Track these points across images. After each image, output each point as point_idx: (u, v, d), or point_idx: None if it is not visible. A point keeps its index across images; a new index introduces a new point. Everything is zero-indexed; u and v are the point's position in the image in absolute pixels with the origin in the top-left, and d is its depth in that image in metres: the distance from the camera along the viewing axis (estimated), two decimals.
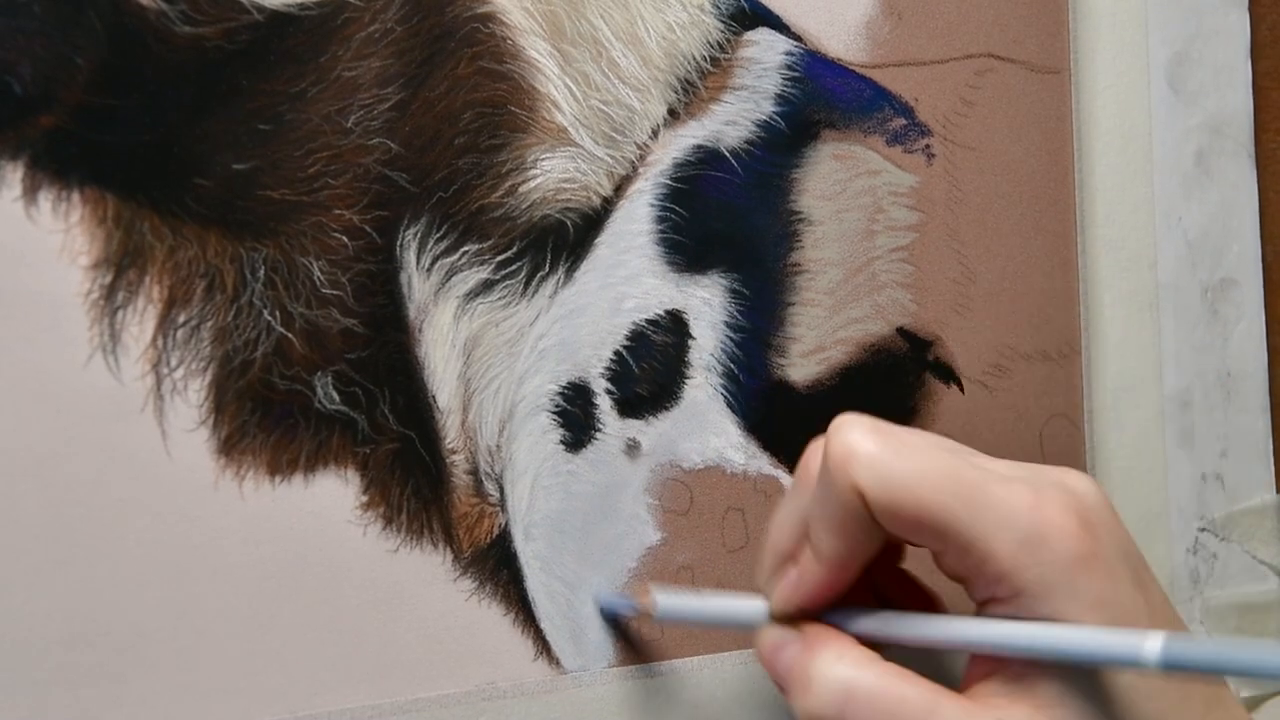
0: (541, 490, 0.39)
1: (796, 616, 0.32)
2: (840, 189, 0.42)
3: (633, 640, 0.40)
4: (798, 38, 0.42)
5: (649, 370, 0.40)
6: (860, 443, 0.29)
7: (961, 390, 0.44)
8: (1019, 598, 0.28)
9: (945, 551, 0.29)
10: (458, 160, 0.37)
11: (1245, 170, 0.50)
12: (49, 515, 0.33)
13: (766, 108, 0.41)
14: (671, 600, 0.37)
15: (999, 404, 0.45)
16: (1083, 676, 0.28)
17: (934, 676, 0.29)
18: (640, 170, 0.40)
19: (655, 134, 0.40)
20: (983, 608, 0.30)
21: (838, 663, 0.29)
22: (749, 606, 0.34)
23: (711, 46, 0.41)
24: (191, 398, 0.34)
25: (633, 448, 0.40)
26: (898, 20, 0.43)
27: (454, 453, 0.37)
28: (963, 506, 0.28)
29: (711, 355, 0.41)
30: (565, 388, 0.39)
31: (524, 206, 0.38)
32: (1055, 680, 0.28)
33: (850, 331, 0.43)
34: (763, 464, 0.41)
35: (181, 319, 0.34)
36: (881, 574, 0.35)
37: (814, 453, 0.32)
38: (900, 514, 0.28)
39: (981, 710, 0.28)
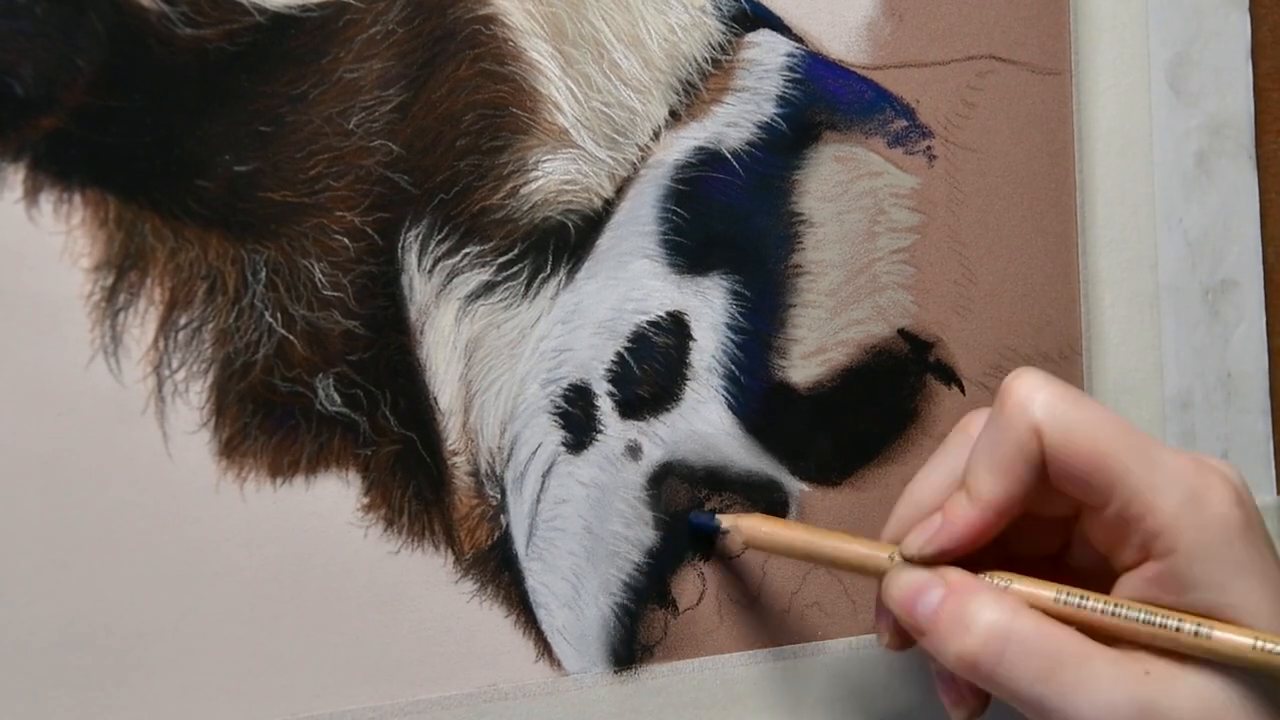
0: (543, 492, 0.39)
1: (931, 562, 0.32)
2: (841, 191, 0.42)
3: (638, 641, 0.40)
4: (799, 39, 0.42)
5: (650, 372, 0.40)
6: (1042, 388, 0.31)
7: (963, 392, 0.44)
8: (1174, 555, 0.29)
9: (1108, 504, 0.30)
10: (459, 162, 0.37)
11: (1246, 171, 0.50)
12: (50, 517, 0.33)
13: (768, 109, 0.41)
14: (769, 530, 0.37)
15: None
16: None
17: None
18: (641, 172, 0.40)
19: (656, 135, 0.40)
20: (1126, 573, 0.31)
21: (995, 608, 0.30)
22: (868, 549, 0.34)
23: (713, 48, 0.41)
24: (193, 400, 0.34)
25: (634, 449, 0.40)
26: (899, 22, 0.43)
27: (455, 454, 0.37)
28: (1134, 459, 0.29)
29: (713, 357, 0.41)
30: (567, 389, 0.39)
31: (525, 208, 0.38)
32: None
33: (851, 333, 0.43)
34: (764, 465, 0.41)
35: (183, 321, 0.34)
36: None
37: (975, 416, 0.34)
38: (1075, 457, 0.30)
39: (1132, 663, 0.29)
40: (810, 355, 0.42)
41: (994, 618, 0.30)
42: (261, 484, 0.35)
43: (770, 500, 0.41)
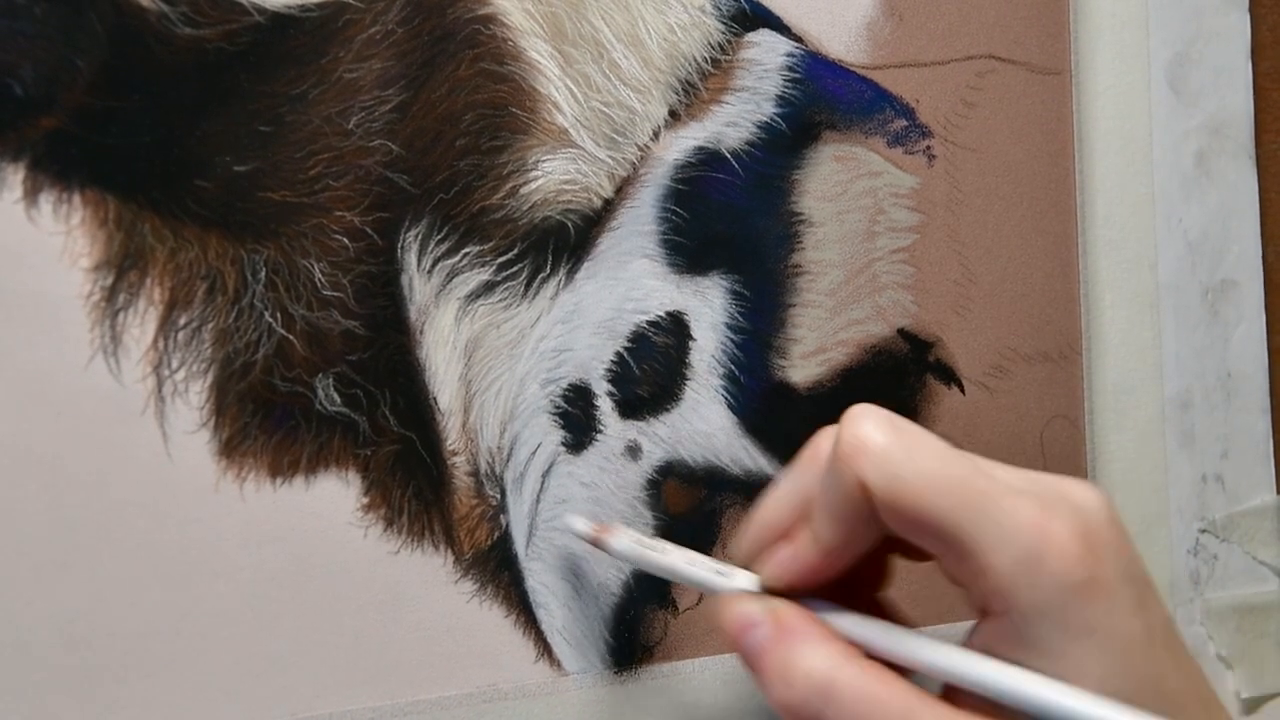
0: (543, 492, 0.39)
1: (778, 593, 0.31)
2: (841, 190, 0.42)
3: (638, 641, 0.40)
4: (799, 39, 0.42)
5: (650, 371, 0.40)
6: (872, 436, 0.29)
7: (962, 391, 0.44)
8: (1011, 615, 0.28)
9: (945, 556, 0.29)
10: (459, 162, 0.37)
11: (1246, 171, 0.50)
12: (50, 517, 0.33)
13: (767, 109, 0.41)
14: (629, 544, 0.35)
15: (1000, 405, 0.45)
16: None
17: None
18: (641, 172, 0.40)
19: (656, 135, 0.40)
20: (981, 619, 0.30)
21: (818, 656, 0.29)
22: (710, 570, 0.32)
23: (712, 48, 0.41)
24: (192, 400, 0.34)
25: (633, 449, 0.40)
26: (899, 22, 0.43)
27: (455, 454, 0.37)
28: (967, 516, 0.28)
29: (712, 356, 0.41)
30: (567, 389, 0.39)
31: (525, 208, 0.38)
32: None
33: (851, 333, 0.43)
34: (763, 465, 0.41)
35: (182, 321, 0.34)
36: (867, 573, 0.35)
37: (824, 436, 0.32)
38: (903, 514, 0.28)
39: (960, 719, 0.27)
40: (810, 355, 0.42)
41: (816, 668, 0.28)
42: (261, 484, 0.35)
43: None
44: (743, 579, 0.32)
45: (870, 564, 0.32)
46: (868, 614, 0.31)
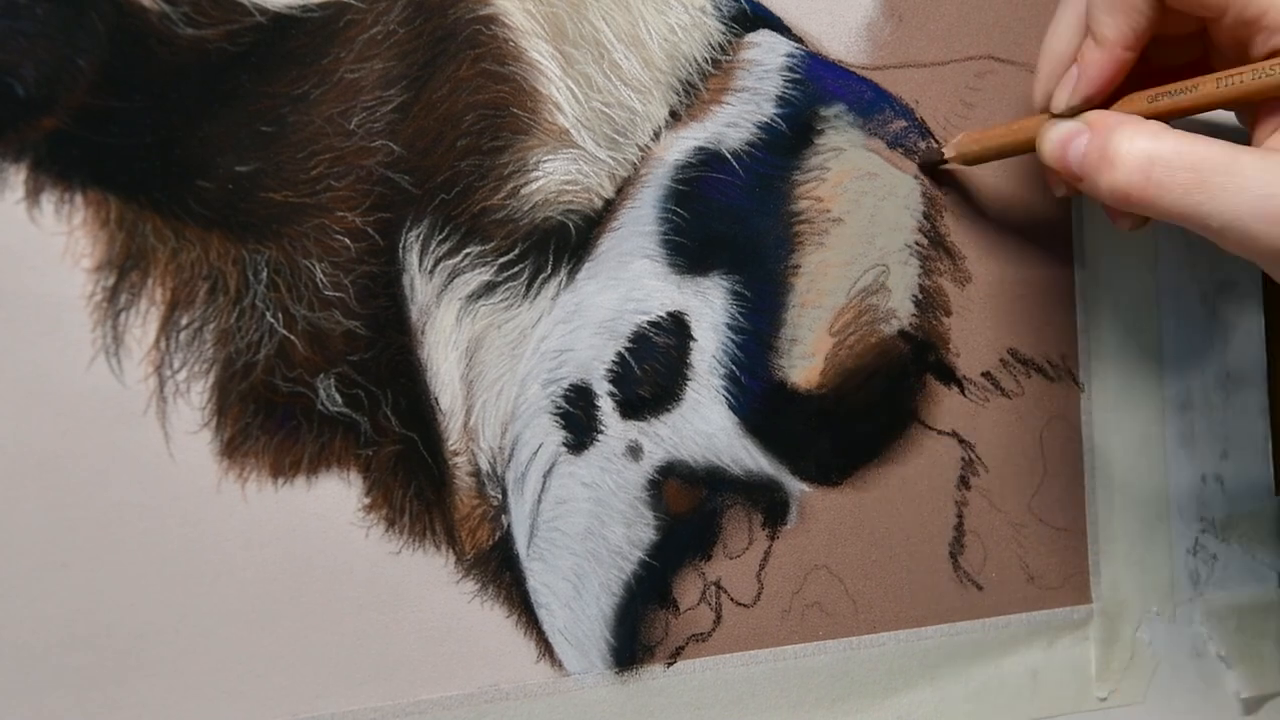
0: (544, 492, 0.39)
1: (1078, 112, 0.34)
2: (840, 191, 0.43)
3: (639, 642, 0.40)
4: (799, 40, 0.42)
5: (651, 372, 0.40)
6: None
7: (962, 392, 0.45)
8: None
9: (1224, 13, 0.31)
10: (460, 162, 0.37)
11: None
12: (51, 517, 0.33)
13: (768, 109, 0.41)
14: (959, 139, 0.41)
15: (999, 405, 0.45)
16: None
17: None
18: (642, 172, 0.40)
19: (657, 136, 0.40)
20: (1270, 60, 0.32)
21: (1136, 136, 0.31)
22: (1029, 122, 0.37)
23: (713, 48, 0.41)
24: (194, 400, 0.34)
25: (634, 449, 0.40)
26: (898, 22, 0.43)
27: (456, 455, 0.37)
28: None
29: (713, 357, 0.41)
30: (568, 389, 0.39)
31: (526, 208, 0.38)
32: None
33: (851, 333, 0.43)
34: (764, 465, 0.41)
35: (184, 321, 0.34)
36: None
37: None
38: None
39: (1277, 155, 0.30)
40: (810, 355, 0.42)
41: (1138, 145, 0.31)
42: (263, 484, 0.35)
43: (771, 500, 0.41)
44: (1053, 108, 0.36)
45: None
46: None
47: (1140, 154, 0.31)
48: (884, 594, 0.43)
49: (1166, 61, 0.36)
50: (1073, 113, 0.35)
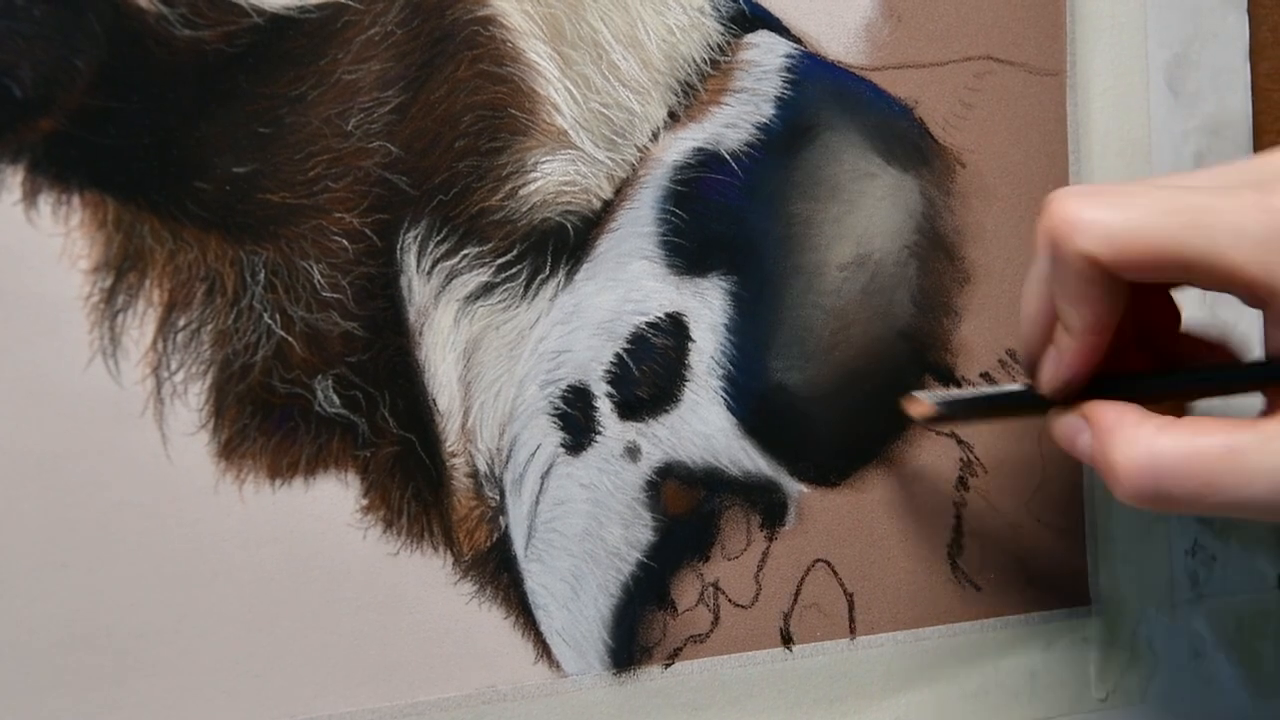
0: (542, 493, 0.39)
1: (1074, 393, 0.32)
2: (839, 191, 0.42)
3: (637, 643, 0.40)
4: (797, 40, 0.42)
5: (649, 373, 0.40)
6: (1077, 210, 0.29)
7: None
8: (1274, 303, 0.28)
9: (1196, 281, 0.30)
10: (458, 163, 0.37)
11: None
12: (49, 518, 0.33)
13: (766, 110, 0.41)
14: (944, 397, 0.38)
15: None
16: None
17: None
18: (640, 173, 0.40)
19: (655, 137, 0.40)
20: (1269, 326, 0.30)
21: (1134, 443, 0.30)
22: (1016, 391, 0.35)
23: (711, 49, 0.41)
24: (191, 401, 0.34)
25: (633, 450, 0.40)
26: (897, 23, 0.43)
27: (454, 456, 0.37)
28: (1192, 233, 0.28)
29: (711, 358, 0.41)
30: (566, 390, 0.39)
31: (524, 209, 0.38)
32: None
33: (850, 334, 0.43)
34: (762, 466, 0.41)
35: (182, 322, 0.34)
36: (1160, 338, 0.35)
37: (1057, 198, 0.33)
38: (1136, 263, 0.29)
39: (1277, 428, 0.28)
40: (809, 356, 0.42)
41: (1134, 456, 0.29)
42: (260, 485, 0.35)
43: (769, 501, 0.41)
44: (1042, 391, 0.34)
45: (1150, 312, 0.33)
46: (1170, 359, 0.33)
47: (1140, 468, 0.29)
48: (882, 595, 0.43)
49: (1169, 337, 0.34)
50: (1058, 396, 0.33)
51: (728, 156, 0.41)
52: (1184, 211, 0.29)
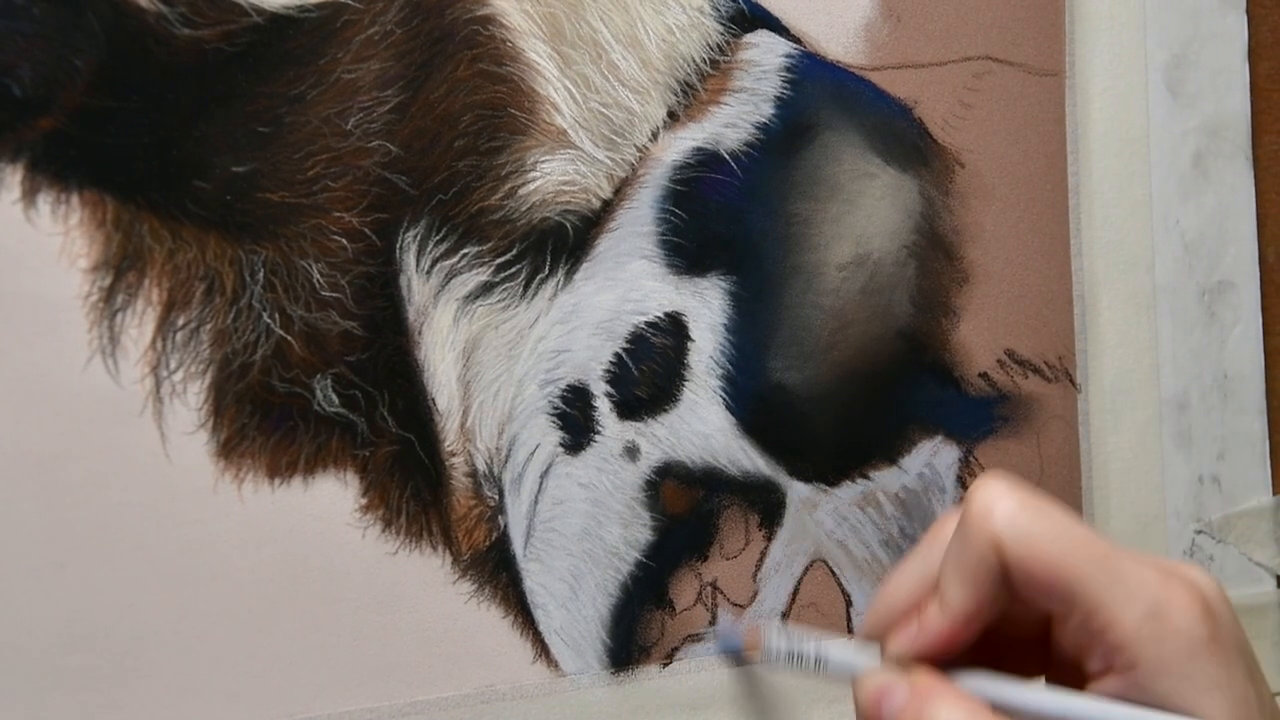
0: (541, 493, 0.39)
1: (908, 663, 0.33)
2: (838, 191, 0.42)
3: (635, 642, 0.40)
4: (797, 40, 0.42)
5: (648, 372, 0.40)
6: (1002, 499, 0.30)
7: (959, 392, 0.45)
8: (1135, 670, 0.29)
9: (1070, 616, 0.30)
10: (457, 163, 0.37)
11: (1243, 173, 0.50)
12: (47, 518, 0.33)
13: (766, 110, 0.41)
14: (780, 641, 0.36)
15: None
16: None
17: None
18: (640, 173, 0.40)
19: (655, 136, 0.40)
20: (1093, 681, 0.30)
21: (955, 713, 0.30)
22: (853, 654, 0.33)
23: (711, 49, 0.41)
24: (191, 400, 0.34)
25: (632, 450, 0.40)
26: (897, 23, 0.43)
27: (453, 455, 0.37)
28: (1095, 572, 0.29)
29: (710, 357, 0.41)
30: (565, 390, 0.39)
31: (524, 209, 0.38)
32: None
33: (849, 333, 0.43)
34: (761, 466, 0.41)
35: (181, 321, 0.34)
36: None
37: (948, 519, 0.33)
38: (1036, 571, 0.30)
39: None
40: (808, 356, 0.42)
41: None
42: (259, 485, 0.35)
43: (768, 501, 0.41)
44: (876, 654, 0.33)
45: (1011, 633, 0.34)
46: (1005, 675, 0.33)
47: None
48: None
49: (1009, 636, 0.34)
50: (902, 664, 0.32)
51: (727, 156, 0.41)
52: (1094, 551, 0.30)
